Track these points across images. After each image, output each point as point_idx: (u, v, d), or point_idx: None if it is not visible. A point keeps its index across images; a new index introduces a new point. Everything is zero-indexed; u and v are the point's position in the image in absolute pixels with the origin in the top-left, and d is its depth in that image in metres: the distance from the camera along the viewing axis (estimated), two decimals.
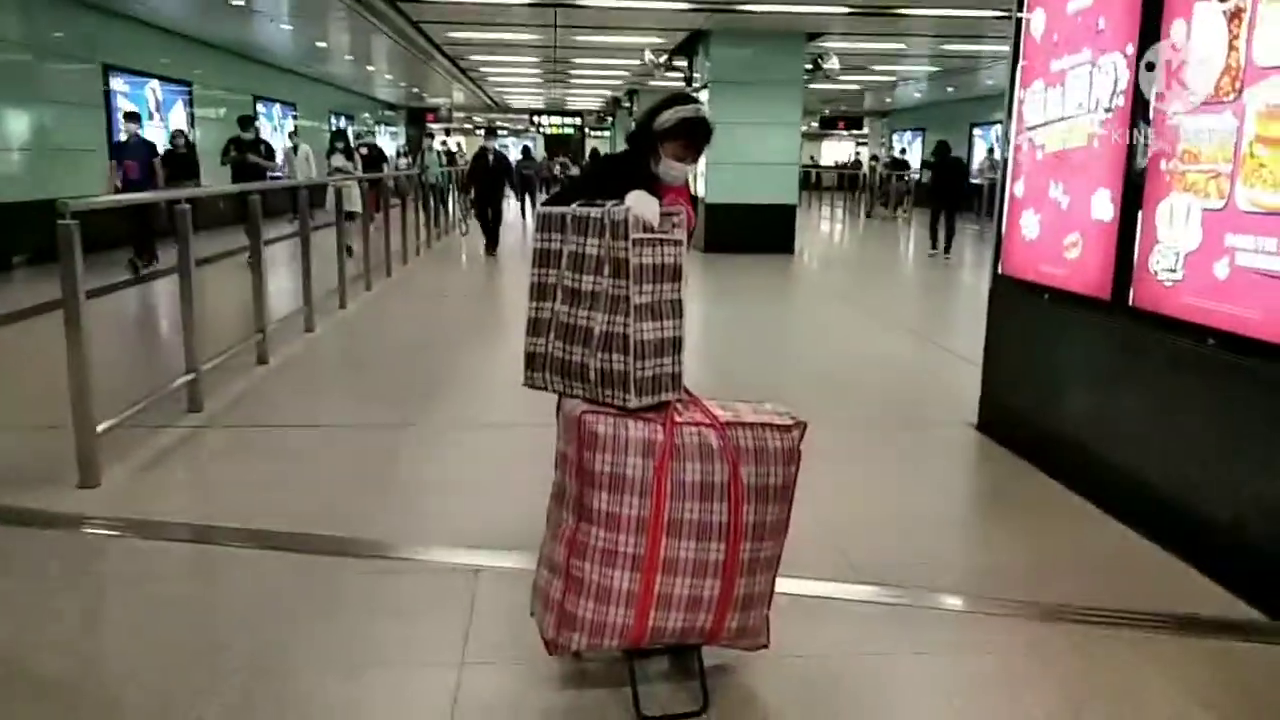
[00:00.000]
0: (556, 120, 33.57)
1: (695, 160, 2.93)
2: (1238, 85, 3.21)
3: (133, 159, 10.87)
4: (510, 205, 17.54)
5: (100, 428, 4.02)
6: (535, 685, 2.57)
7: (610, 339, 2.32)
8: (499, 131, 36.40)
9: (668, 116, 2.83)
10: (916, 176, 22.88)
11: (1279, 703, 2.59)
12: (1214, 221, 3.33)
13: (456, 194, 18.18)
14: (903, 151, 28.20)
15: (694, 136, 2.85)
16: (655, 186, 2.77)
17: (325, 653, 2.72)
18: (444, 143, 26.09)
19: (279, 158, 15.12)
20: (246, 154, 12.25)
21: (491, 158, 13.96)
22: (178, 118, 15.71)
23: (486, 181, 13.77)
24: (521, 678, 2.61)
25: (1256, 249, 3.13)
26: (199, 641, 2.79)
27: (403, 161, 24.37)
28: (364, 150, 15.67)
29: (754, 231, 13.91)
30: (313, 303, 7.47)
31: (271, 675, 2.60)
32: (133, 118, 11.64)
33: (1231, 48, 3.24)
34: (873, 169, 27.47)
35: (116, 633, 2.96)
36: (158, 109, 14.99)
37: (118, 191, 10.52)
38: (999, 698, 2.61)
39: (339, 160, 13.09)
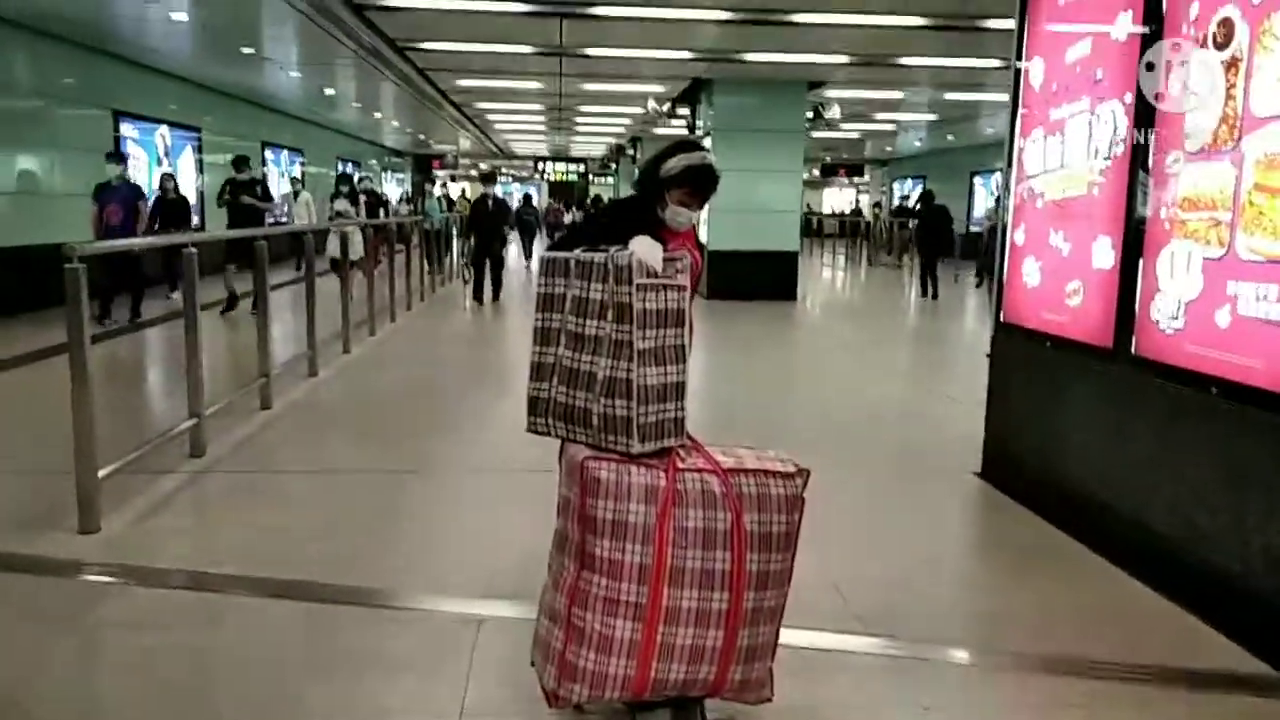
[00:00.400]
0: (561, 167, 33.84)
1: (701, 206, 2.91)
2: (1236, 134, 3.24)
3: (116, 203, 10.02)
4: (510, 251, 17.40)
5: (102, 473, 4.01)
6: None
7: (613, 384, 2.32)
8: (500, 176, 37.25)
9: (674, 163, 2.84)
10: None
11: None
12: (1215, 270, 3.34)
13: (456, 241, 17.70)
14: (905, 198, 27.99)
15: (700, 183, 2.84)
16: (661, 232, 2.78)
17: (325, 703, 2.68)
18: (444, 188, 25.67)
19: (277, 199, 14.79)
20: (241, 195, 11.49)
21: (490, 203, 13.73)
22: (186, 163, 15.86)
23: (486, 228, 13.41)
24: None
25: (1258, 297, 3.13)
26: (197, 690, 2.75)
27: (404, 208, 24.38)
28: (364, 196, 15.67)
29: (757, 278, 13.96)
30: (316, 347, 7.48)
31: None
32: (117, 157, 11.01)
33: (1229, 96, 3.27)
34: (876, 216, 27.26)
35: (114, 680, 2.92)
36: (166, 154, 15.14)
37: (98, 238, 9.48)
38: None
39: (342, 205, 12.85)
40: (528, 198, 26.84)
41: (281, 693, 2.73)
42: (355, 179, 21.11)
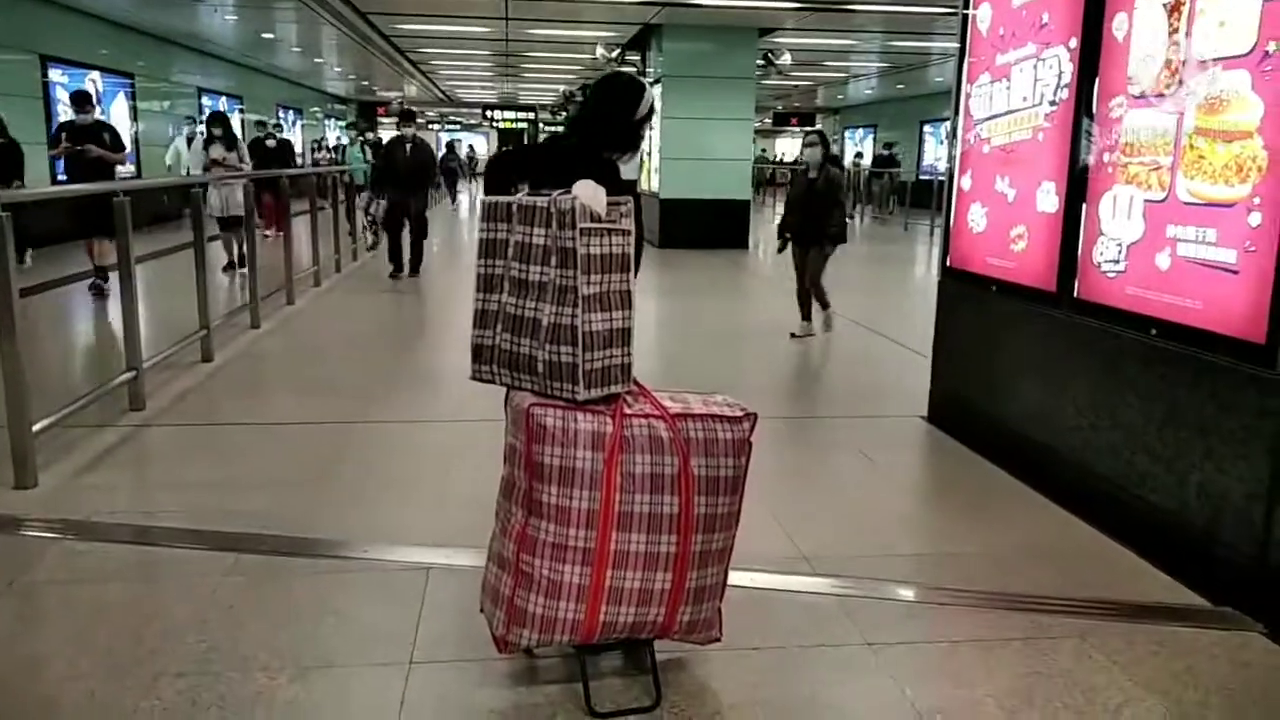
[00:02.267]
0: (510, 115, 33.35)
1: None
2: (1178, 78, 3.26)
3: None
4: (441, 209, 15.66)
5: (37, 426, 3.91)
6: (485, 683, 2.54)
7: (558, 330, 2.29)
8: (417, 117, 32.63)
9: (645, 104, 2.85)
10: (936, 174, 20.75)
11: (1223, 687, 2.63)
12: (1156, 213, 3.38)
13: (360, 196, 13.80)
14: (887, 146, 25.18)
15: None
16: (608, 175, 2.75)
17: (271, 654, 2.66)
18: (368, 134, 21.90)
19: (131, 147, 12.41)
20: (81, 144, 8.65)
21: (409, 148, 10.42)
22: (120, 111, 15.35)
23: (403, 179, 10.40)
24: (471, 676, 2.57)
25: (1197, 239, 3.18)
26: (140, 644, 2.71)
27: (322, 157, 22.44)
28: (270, 143, 14.23)
29: (708, 227, 13.92)
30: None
31: (216, 677, 2.54)
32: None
33: (1171, 40, 3.29)
34: (857, 166, 24.93)
35: (55, 635, 2.87)
36: (98, 100, 14.62)
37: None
38: (951, 687, 2.63)
39: (218, 152, 10.45)
40: (451, 145, 26.38)
41: (226, 645, 2.70)
42: (240, 124, 18.32)
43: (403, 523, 3.68)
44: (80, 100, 9.17)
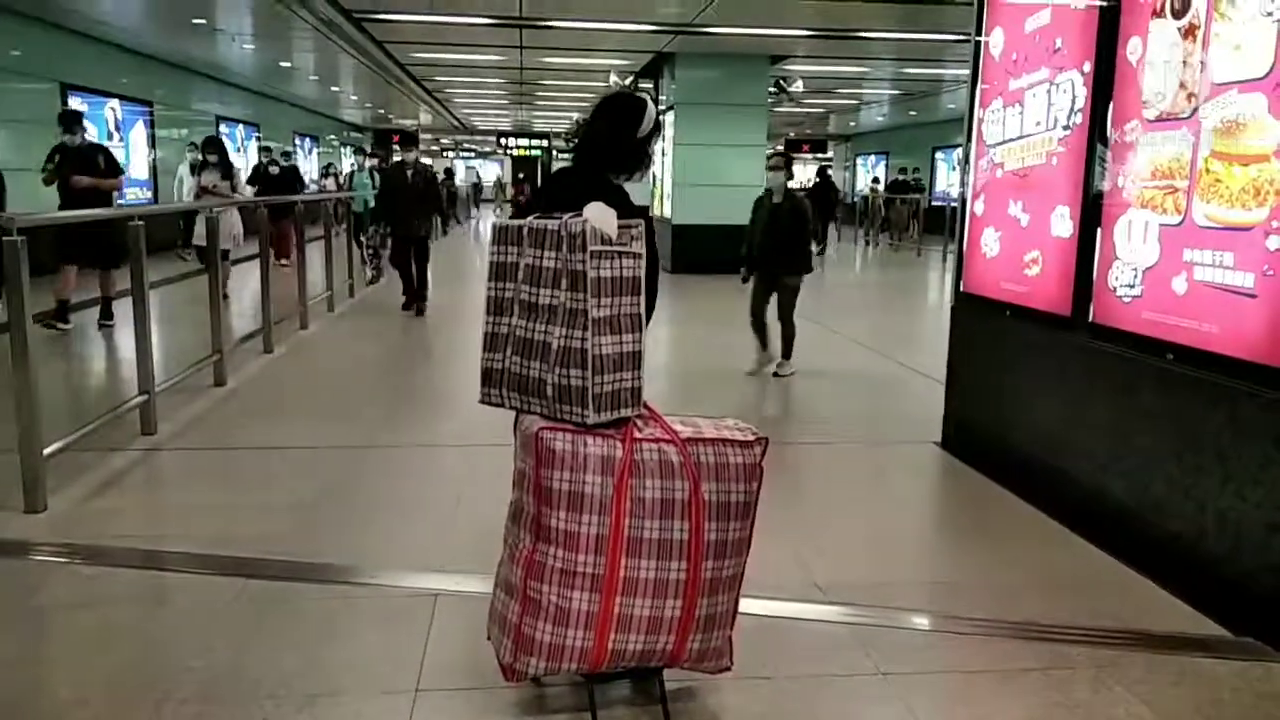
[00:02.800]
0: (523, 142, 33.55)
1: None
2: (1193, 101, 3.24)
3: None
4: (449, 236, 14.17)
5: (47, 450, 3.91)
6: (492, 712, 2.50)
7: (568, 354, 2.27)
8: (419, 142, 28.43)
9: (649, 120, 2.83)
10: (949, 200, 20.01)
11: (1245, 718, 2.57)
12: (1171, 237, 3.35)
13: (366, 225, 12.55)
14: (902, 171, 25.12)
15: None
16: (615, 198, 2.74)
17: (279, 681, 2.63)
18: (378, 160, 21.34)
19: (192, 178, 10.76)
20: (74, 169, 7.98)
21: (411, 174, 9.74)
22: (138, 138, 15.51)
23: (407, 207, 9.67)
24: (478, 704, 2.53)
25: (1214, 264, 3.15)
26: (148, 669, 2.69)
27: (330, 183, 21.42)
28: (274, 169, 13.88)
29: (720, 252, 13.85)
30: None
31: (224, 704, 2.51)
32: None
33: (1186, 64, 3.27)
34: (874, 192, 24.48)
35: (63, 659, 2.85)
36: (117, 128, 14.79)
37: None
38: (967, 717, 2.58)
39: (209, 179, 9.98)
40: (449, 171, 25.98)
41: (233, 670, 2.67)
42: (240, 149, 17.29)
43: (411, 548, 3.65)
44: (69, 121, 8.32)
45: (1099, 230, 3.76)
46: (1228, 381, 3.11)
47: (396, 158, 10.39)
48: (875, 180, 27.16)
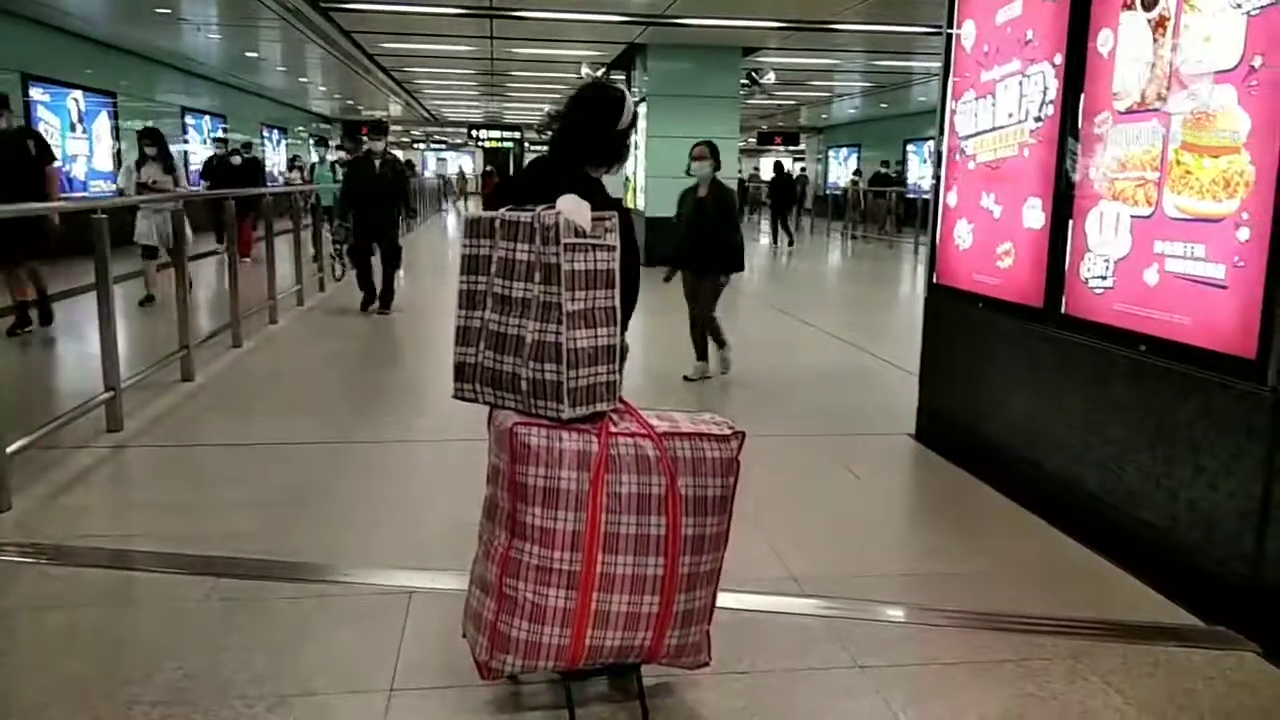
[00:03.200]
0: (495, 134, 33.37)
1: None
2: (1163, 93, 3.26)
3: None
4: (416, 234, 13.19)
5: (10, 448, 3.83)
6: (468, 711, 2.48)
7: (542, 348, 2.24)
8: (388, 131, 18.29)
9: (629, 112, 2.80)
10: (921, 193, 19.24)
11: (1219, 707, 2.59)
12: (1143, 229, 3.37)
13: (326, 221, 11.92)
14: (884, 164, 24.83)
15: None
16: (592, 190, 2.71)
17: (250, 681, 2.59)
18: (339, 152, 19.17)
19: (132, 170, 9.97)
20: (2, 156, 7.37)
21: (379, 164, 9.20)
22: (102, 129, 15.27)
23: (372, 202, 9.13)
24: (453, 703, 2.51)
25: (1185, 255, 3.16)
26: (114, 672, 2.64)
27: (295, 176, 20.80)
28: (235, 160, 13.46)
29: None
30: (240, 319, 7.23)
31: (193, 706, 2.46)
32: None
33: (1157, 56, 3.29)
34: (855, 186, 24.54)
35: (26, 663, 2.78)
36: (81, 120, 14.55)
37: None
38: (944, 710, 2.58)
39: (149, 174, 9.31)
40: (409, 164, 25.00)
41: (203, 673, 2.62)
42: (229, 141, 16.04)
43: (384, 545, 3.61)
44: None
45: (1071, 222, 3.78)
46: (1200, 373, 3.13)
47: (366, 147, 9.62)
48: (857, 173, 26.87)
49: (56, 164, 8.23)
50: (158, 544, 3.53)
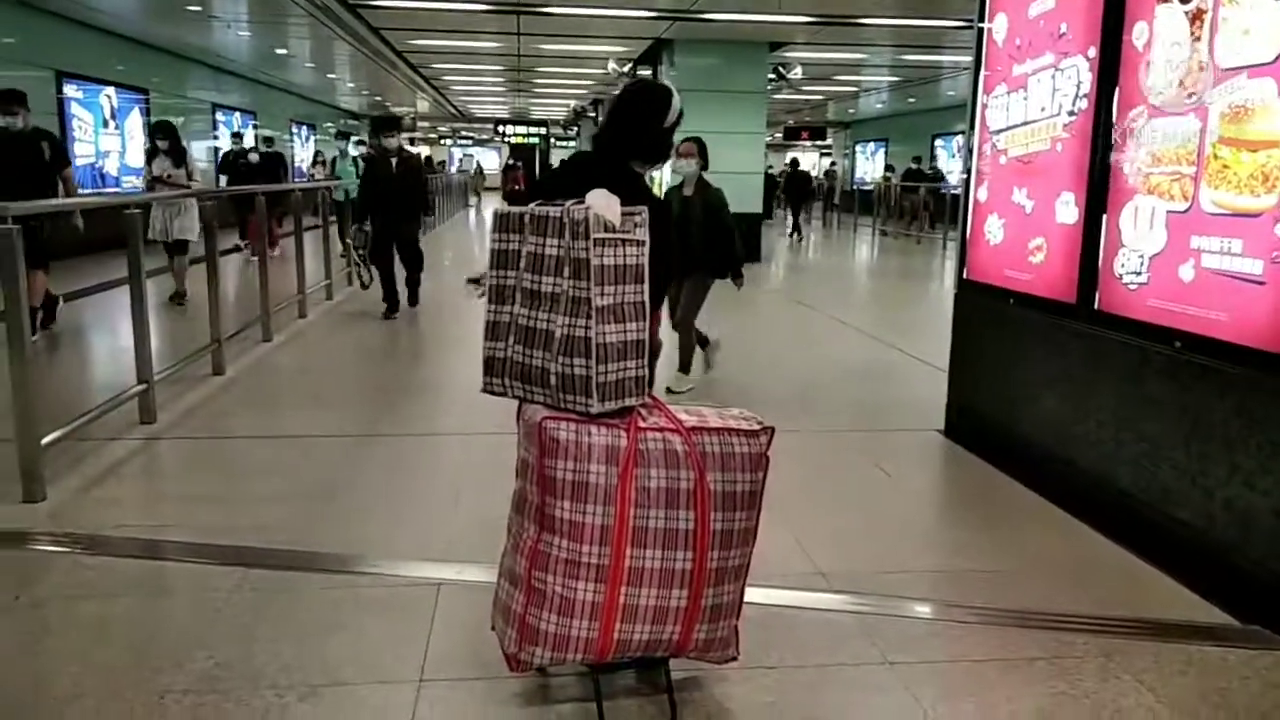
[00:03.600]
0: (521, 130, 33.45)
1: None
2: (1200, 86, 3.21)
3: None
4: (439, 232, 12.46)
5: (45, 440, 3.89)
6: (496, 702, 2.49)
7: (571, 342, 2.24)
8: (401, 126, 19.39)
9: (675, 109, 2.80)
10: (950, 189, 18.73)
11: (1253, 707, 2.55)
12: (1179, 224, 3.32)
13: (348, 224, 10.70)
14: (916, 160, 23.66)
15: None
16: (636, 187, 2.73)
17: (279, 671, 2.61)
18: (363, 147, 17.73)
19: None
20: (8, 158, 7.10)
21: (394, 164, 8.64)
22: (134, 126, 15.44)
23: (388, 203, 8.59)
24: (482, 695, 2.52)
25: (1222, 250, 3.12)
26: (147, 660, 2.67)
27: (318, 173, 19.56)
28: (254, 157, 13.28)
29: None
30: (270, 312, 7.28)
31: (223, 695, 2.49)
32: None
33: (1194, 49, 3.24)
34: (887, 181, 23.52)
35: (59, 651, 2.82)
36: (113, 116, 14.72)
37: None
38: (974, 708, 2.56)
39: (160, 167, 8.98)
40: (430, 159, 23.41)
41: (233, 662, 2.65)
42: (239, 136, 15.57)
43: (413, 537, 3.63)
44: (5, 101, 7.16)
45: (1104, 217, 3.73)
46: (1236, 369, 3.09)
47: (380, 144, 9.05)
48: (889, 169, 25.61)
49: (69, 168, 7.85)
50: (189, 535, 3.57)
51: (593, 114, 25.75)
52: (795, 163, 22.48)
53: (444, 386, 6.21)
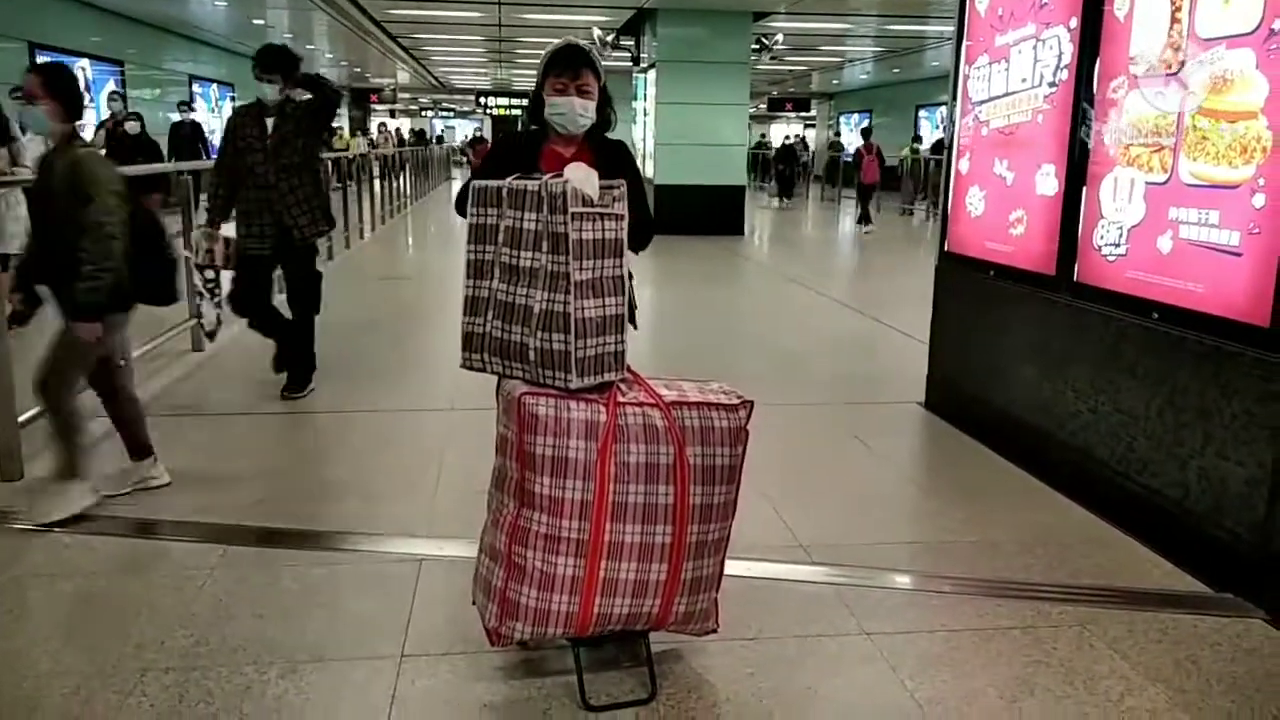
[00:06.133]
0: (504, 101, 33.17)
1: (578, 90, 2.67)
2: (1180, 58, 3.21)
3: None
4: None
5: (23, 418, 3.86)
6: (478, 677, 2.50)
7: (550, 317, 2.24)
8: (291, 65, 5.56)
9: (540, 61, 2.74)
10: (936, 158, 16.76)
11: (1225, 673, 2.59)
12: (1157, 195, 3.33)
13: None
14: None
15: (563, 62, 2.66)
16: (551, 150, 2.70)
17: (260, 648, 2.62)
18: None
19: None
20: None
21: (271, 122, 4.96)
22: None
23: (265, 192, 4.85)
24: (464, 669, 2.53)
25: (1200, 222, 3.13)
26: (127, 638, 2.66)
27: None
28: (132, 127, 10.11)
29: (703, 213, 13.87)
30: None
31: (203, 672, 2.49)
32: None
33: (1174, 20, 3.23)
34: (914, 152, 20.91)
35: (39, 630, 2.81)
36: (88, 88, 14.50)
37: None
38: (951, 676, 2.59)
39: None
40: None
41: (214, 639, 2.65)
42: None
43: (394, 513, 3.63)
44: None
45: (1084, 189, 3.74)
46: (1212, 340, 3.11)
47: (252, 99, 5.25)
48: (916, 139, 22.99)
49: (17, 143, 7.13)
50: (169, 512, 3.55)
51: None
52: (788, 139, 23.31)
53: (424, 361, 6.18)
